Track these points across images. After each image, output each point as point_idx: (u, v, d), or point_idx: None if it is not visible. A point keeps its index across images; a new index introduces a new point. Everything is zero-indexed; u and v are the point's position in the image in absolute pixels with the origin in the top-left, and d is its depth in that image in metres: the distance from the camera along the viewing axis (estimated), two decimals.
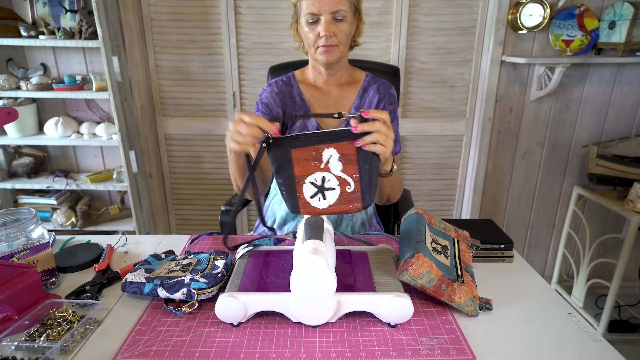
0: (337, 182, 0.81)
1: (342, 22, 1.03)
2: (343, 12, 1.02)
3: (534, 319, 0.78)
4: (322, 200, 0.81)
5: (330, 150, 0.80)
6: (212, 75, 2.08)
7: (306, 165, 0.80)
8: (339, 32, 1.03)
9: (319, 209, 0.82)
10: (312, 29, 1.04)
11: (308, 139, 0.79)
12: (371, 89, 1.17)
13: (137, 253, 1.03)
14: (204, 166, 2.23)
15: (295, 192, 0.82)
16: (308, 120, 1.14)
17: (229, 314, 0.74)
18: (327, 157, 0.80)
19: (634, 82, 2.07)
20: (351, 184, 0.81)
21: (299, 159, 0.80)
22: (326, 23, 1.01)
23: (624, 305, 2.21)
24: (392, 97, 1.17)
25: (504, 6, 1.93)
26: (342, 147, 0.79)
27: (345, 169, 0.80)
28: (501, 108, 2.11)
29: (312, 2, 1.01)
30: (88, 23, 1.81)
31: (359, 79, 1.19)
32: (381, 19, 1.99)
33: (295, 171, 0.81)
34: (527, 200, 2.29)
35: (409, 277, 0.77)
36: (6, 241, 0.84)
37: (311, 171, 0.81)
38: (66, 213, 2.07)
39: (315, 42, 1.05)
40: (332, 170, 0.80)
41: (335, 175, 0.81)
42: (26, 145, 2.11)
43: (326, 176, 0.81)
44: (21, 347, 0.69)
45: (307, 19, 1.03)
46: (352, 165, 0.80)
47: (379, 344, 0.70)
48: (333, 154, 0.80)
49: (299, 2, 1.05)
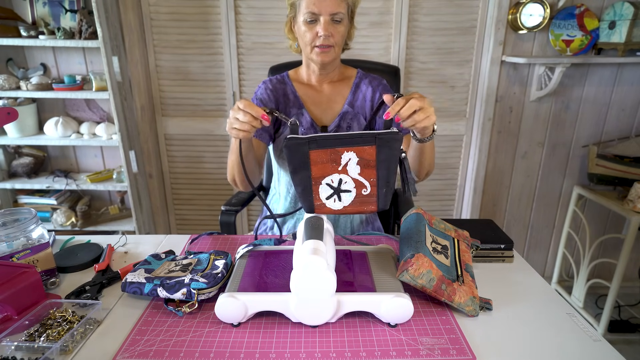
0: (354, 184, 0.81)
1: (339, 24, 1.06)
2: (341, 14, 1.04)
3: (534, 319, 0.78)
4: (338, 201, 0.82)
5: (350, 153, 0.79)
6: (212, 75, 2.08)
7: (324, 166, 0.80)
8: (336, 34, 1.06)
9: (334, 209, 0.83)
10: (310, 28, 1.06)
11: (328, 141, 0.79)
12: (363, 83, 1.20)
13: (137, 253, 1.03)
14: (204, 166, 2.23)
15: (312, 193, 0.82)
16: (302, 115, 1.16)
17: (229, 314, 0.74)
18: (346, 160, 0.80)
19: (634, 82, 2.07)
20: (367, 188, 0.81)
21: (317, 160, 0.80)
22: (325, 23, 1.03)
23: (624, 305, 2.21)
24: (385, 85, 1.20)
25: (504, 6, 1.93)
26: (362, 151, 0.79)
27: (362, 173, 0.80)
28: (501, 108, 2.11)
29: (313, 1, 1.03)
30: (88, 23, 1.81)
31: (351, 76, 1.22)
32: (381, 19, 1.99)
33: (313, 172, 0.81)
34: (527, 200, 2.29)
35: (409, 277, 0.77)
36: (6, 241, 0.84)
37: (328, 173, 0.81)
38: (66, 213, 2.07)
39: (313, 42, 1.07)
40: (349, 173, 0.80)
41: (353, 178, 0.81)
42: (26, 145, 2.11)
43: (343, 178, 0.81)
44: (21, 347, 0.69)
45: (305, 18, 1.05)
46: (370, 170, 0.80)
47: (379, 344, 0.70)
48: (352, 157, 0.80)
49: (299, 1, 1.07)
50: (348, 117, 1.17)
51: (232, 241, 1.07)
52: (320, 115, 1.18)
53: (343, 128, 1.16)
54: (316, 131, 1.16)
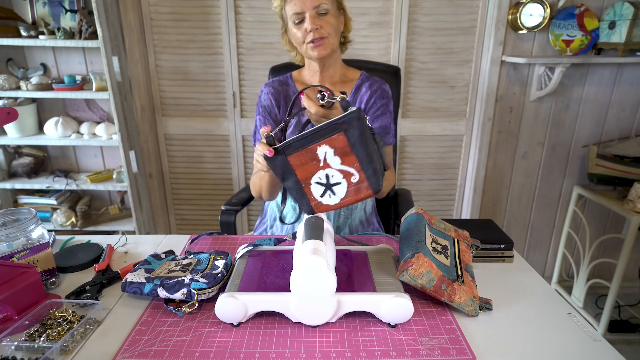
0: (341, 175, 0.80)
1: (326, 16, 1.07)
2: (325, 6, 1.06)
3: (534, 319, 0.78)
4: (333, 196, 0.82)
5: (323, 147, 0.78)
6: (212, 75, 2.08)
7: (307, 167, 0.80)
8: (325, 24, 1.07)
9: (332, 204, 0.82)
10: (300, 28, 1.08)
11: (298, 142, 0.78)
12: (364, 86, 1.19)
13: (137, 253, 1.03)
14: (204, 166, 2.23)
15: (305, 195, 0.82)
16: (303, 116, 1.15)
17: (229, 314, 0.74)
18: (323, 154, 0.79)
19: (634, 82, 2.07)
20: (355, 174, 0.80)
21: (297, 163, 0.80)
22: (311, 18, 1.06)
23: (624, 305, 2.21)
24: (383, 91, 1.19)
25: (504, 6, 1.93)
26: (332, 141, 0.78)
27: (344, 162, 0.79)
28: (501, 108, 2.11)
29: (294, 3, 1.06)
30: (88, 23, 1.81)
31: (353, 78, 1.22)
32: (381, 19, 1.99)
33: (299, 175, 0.81)
34: (527, 200, 2.29)
35: (409, 277, 0.77)
36: (6, 241, 0.84)
37: (313, 172, 0.81)
38: (66, 213, 2.07)
39: (304, 39, 1.09)
40: (332, 166, 0.80)
41: (337, 169, 0.80)
42: (26, 145, 2.11)
43: (329, 172, 0.80)
44: (21, 347, 0.69)
45: (293, 20, 1.08)
46: (349, 157, 0.79)
47: (379, 344, 0.70)
48: (327, 150, 0.79)
49: (283, 9, 1.10)
50: None
51: (232, 241, 1.07)
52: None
53: None
54: None
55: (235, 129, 2.15)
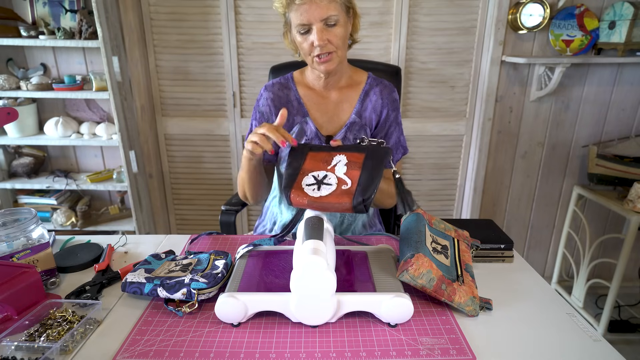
0: (337, 181, 0.85)
1: (335, 27, 0.99)
2: (334, 16, 0.97)
3: (534, 319, 0.78)
4: (317, 190, 0.84)
5: (341, 156, 0.88)
6: (212, 75, 2.08)
7: (316, 163, 0.88)
8: (333, 38, 0.99)
9: (310, 195, 0.83)
10: (305, 39, 1.00)
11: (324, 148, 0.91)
12: (373, 92, 1.13)
13: (137, 253, 1.03)
14: (204, 166, 2.23)
15: (296, 177, 0.86)
16: (306, 124, 1.11)
17: (229, 314, 0.74)
18: (337, 161, 0.87)
19: (634, 82, 2.07)
20: (348, 184, 0.84)
21: (311, 158, 0.89)
22: (319, 32, 0.97)
23: (624, 305, 2.21)
24: (394, 102, 1.14)
25: (504, 6, 1.93)
26: (352, 155, 0.88)
27: (348, 172, 0.85)
28: (501, 108, 2.11)
29: (300, 12, 0.97)
30: (88, 23, 1.81)
31: (360, 82, 1.15)
32: (381, 19, 1.99)
33: (305, 165, 0.88)
34: (527, 200, 2.29)
35: (409, 277, 0.77)
36: (6, 241, 0.84)
37: (318, 169, 0.87)
38: (66, 213, 2.07)
39: (311, 52, 1.01)
40: (336, 172, 0.86)
41: (338, 176, 0.85)
42: (26, 145, 2.11)
43: (328, 175, 0.86)
44: (21, 347, 0.69)
45: (298, 30, 1.00)
46: (355, 171, 0.85)
47: (379, 344, 0.70)
48: (342, 160, 0.87)
49: (288, 13, 1.02)
50: (355, 128, 1.11)
51: (232, 241, 1.07)
52: (326, 123, 1.12)
53: (349, 139, 1.10)
54: (321, 141, 1.11)
55: (235, 129, 2.15)
